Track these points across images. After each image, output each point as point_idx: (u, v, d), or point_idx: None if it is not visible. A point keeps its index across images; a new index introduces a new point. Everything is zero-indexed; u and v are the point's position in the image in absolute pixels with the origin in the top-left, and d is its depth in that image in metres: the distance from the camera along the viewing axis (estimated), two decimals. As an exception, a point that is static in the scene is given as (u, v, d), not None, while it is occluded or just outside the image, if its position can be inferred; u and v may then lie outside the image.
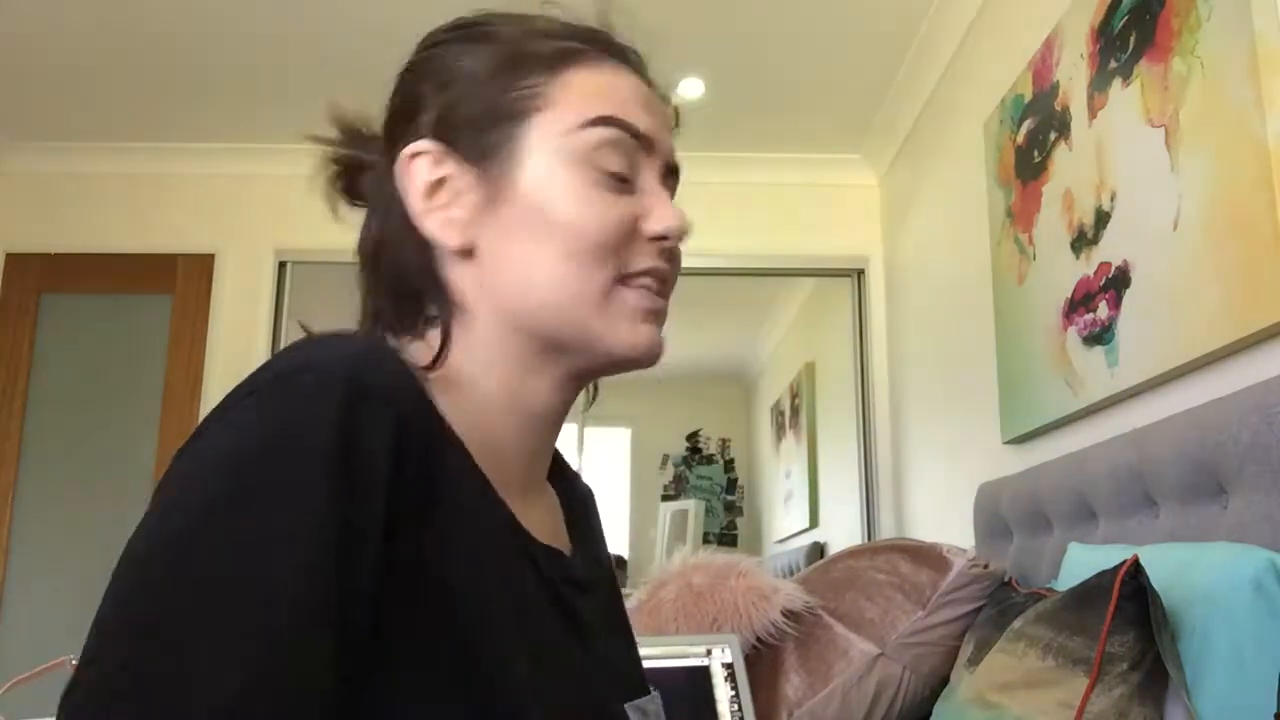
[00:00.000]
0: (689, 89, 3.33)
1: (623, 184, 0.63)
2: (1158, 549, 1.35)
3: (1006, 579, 1.78)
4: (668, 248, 0.64)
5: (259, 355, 3.70)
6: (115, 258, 3.77)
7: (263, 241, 3.77)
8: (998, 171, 2.42)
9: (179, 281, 3.76)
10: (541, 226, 0.61)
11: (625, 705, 0.66)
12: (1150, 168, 1.68)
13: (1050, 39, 2.12)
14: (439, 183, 0.63)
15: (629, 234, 0.62)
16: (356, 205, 0.69)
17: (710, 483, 6.76)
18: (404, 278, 0.64)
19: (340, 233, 0.71)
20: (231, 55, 3.18)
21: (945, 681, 1.67)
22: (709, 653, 1.64)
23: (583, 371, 0.64)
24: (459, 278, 0.63)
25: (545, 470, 0.68)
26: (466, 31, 0.67)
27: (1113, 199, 1.82)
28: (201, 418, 0.52)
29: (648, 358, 0.63)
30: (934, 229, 3.14)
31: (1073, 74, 2.00)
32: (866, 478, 3.71)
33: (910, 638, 1.74)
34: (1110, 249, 1.82)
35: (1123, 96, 1.79)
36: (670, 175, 0.67)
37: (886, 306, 3.67)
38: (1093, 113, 1.91)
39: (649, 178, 0.64)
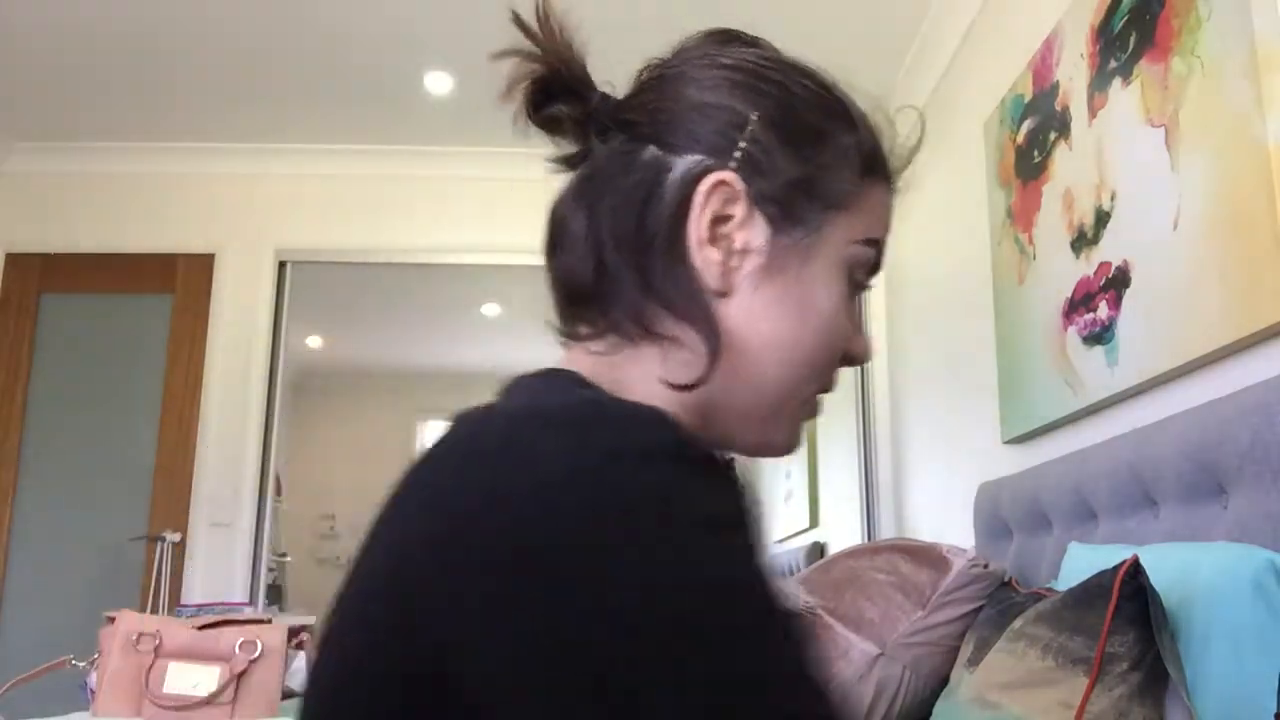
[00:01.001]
0: (689, 89, 3.32)
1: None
2: (1158, 549, 1.35)
3: (1006, 579, 1.78)
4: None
5: (259, 355, 3.71)
6: (115, 258, 3.77)
7: (263, 241, 3.77)
8: (998, 171, 2.42)
9: (179, 281, 3.76)
10: (800, 319, 0.60)
11: None
12: (1150, 168, 1.68)
13: (1050, 39, 2.12)
14: (724, 219, 0.59)
15: (841, 352, 0.64)
16: (540, 128, 0.64)
17: (710, 483, 6.74)
18: (666, 287, 0.59)
19: (340, 233, 0.71)
20: (232, 55, 3.18)
21: (945, 681, 1.67)
22: (709, 653, 1.63)
23: (725, 444, 0.64)
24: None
25: None
26: (819, 88, 0.64)
27: (1113, 199, 1.82)
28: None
29: (783, 454, 0.65)
30: (934, 229, 3.14)
31: (1073, 74, 2.00)
32: (866, 478, 3.71)
33: (910, 638, 1.74)
34: (1110, 249, 1.82)
35: (1123, 96, 1.79)
36: None
37: (886, 306, 3.67)
38: (1093, 113, 1.91)
39: (859, 305, 0.66)
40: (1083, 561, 1.53)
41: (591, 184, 0.62)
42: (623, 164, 0.61)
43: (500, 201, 3.76)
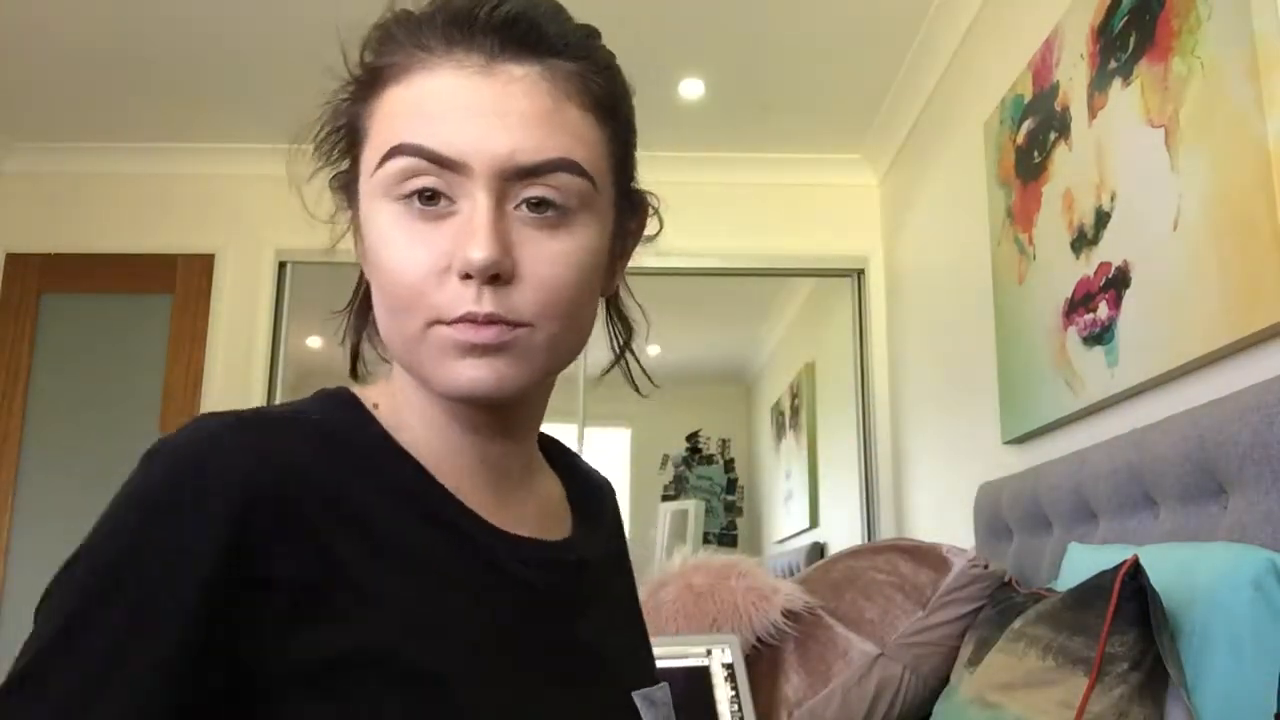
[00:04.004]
0: (689, 89, 3.32)
1: (445, 209, 0.57)
2: (1158, 549, 1.35)
3: (1006, 579, 1.78)
4: (481, 284, 0.56)
5: (259, 355, 3.71)
6: (115, 258, 3.77)
7: (263, 241, 3.77)
8: (998, 171, 2.42)
9: (179, 281, 3.76)
10: (373, 273, 0.60)
11: (634, 693, 0.66)
12: (1150, 168, 1.68)
13: (1050, 39, 2.12)
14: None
15: (440, 273, 0.56)
16: None
17: (710, 483, 6.76)
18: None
19: (341, 233, 0.71)
20: (232, 55, 3.18)
21: (945, 681, 1.67)
22: (709, 653, 1.64)
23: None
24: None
25: (522, 469, 0.68)
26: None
27: (1113, 199, 1.82)
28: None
29: (469, 395, 0.58)
30: (934, 229, 3.14)
31: (1073, 74, 2.00)
32: (866, 478, 3.71)
33: (910, 638, 1.74)
34: (1110, 249, 1.82)
35: (1123, 96, 1.79)
36: (521, 178, 0.57)
37: (886, 306, 3.67)
38: (1093, 113, 1.91)
39: (473, 200, 0.56)
40: (1083, 561, 1.53)
41: None
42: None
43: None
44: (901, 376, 3.51)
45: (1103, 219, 1.85)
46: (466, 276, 0.55)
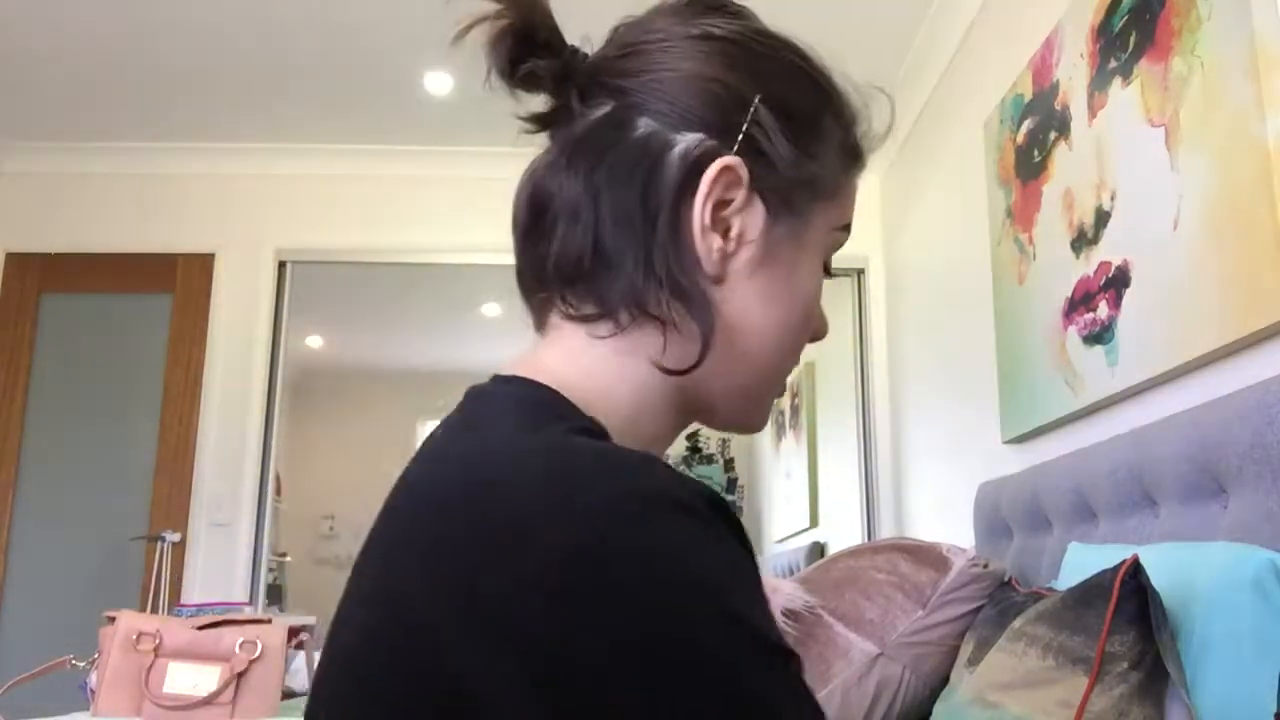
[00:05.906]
0: (689, 89, 3.32)
1: None
2: (1158, 549, 1.35)
3: (1006, 579, 1.78)
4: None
5: (259, 355, 3.71)
6: (115, 258, 3.77)
7: (263, 241, 3.77)
8: (998, 171, 2.42)
9: (179, 281, 3.76)
10: (788, 306, 0.62)
11: None
12: (1150, 168, 1.68)
13: (1050, 39, 2.12)
14: (724, 203, 0.57)
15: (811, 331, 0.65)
16: (517, 87, 0.60)
17: (710, 482, 6.75)
18: (668, 270, 0.57)
19: (340, 233, 0.71)
20: (232, 55, 3.18)
21: (945, 681, 1.67)
22: (709, 653, 1.63)
23: (704, 420, 0.65)
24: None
25: None
26: (812, 71, 0.66)
27: (1113, 199, 1.82)
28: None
29: (761, 427, 0.67)
30: (934, 229, 3.14)
31: (1073, 74, 2.00)
32: (866, 478, 3.71)
33: (910, 637, 1.74)
34: (1110, 249, 1.82)
35: (1123, 96, 1.79)
36: None
37: (886, 306, 3.67)
38: (1093, 112, 1.91)
39: None
40: (1083, 561, 1.53)
41: (582, 154, 0.58)
42: (616, 135, 0.57)
43: (500, 201, 3.70)
44: (901, 376, 3.51)
45: (1103, 218, 1.85)
46: (812, 340, 0.66)
